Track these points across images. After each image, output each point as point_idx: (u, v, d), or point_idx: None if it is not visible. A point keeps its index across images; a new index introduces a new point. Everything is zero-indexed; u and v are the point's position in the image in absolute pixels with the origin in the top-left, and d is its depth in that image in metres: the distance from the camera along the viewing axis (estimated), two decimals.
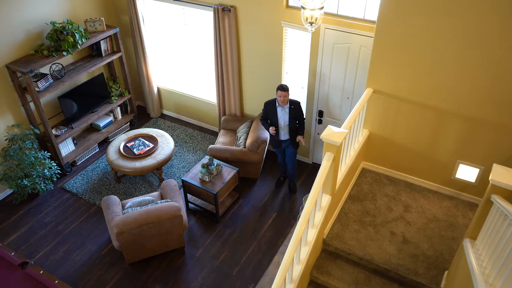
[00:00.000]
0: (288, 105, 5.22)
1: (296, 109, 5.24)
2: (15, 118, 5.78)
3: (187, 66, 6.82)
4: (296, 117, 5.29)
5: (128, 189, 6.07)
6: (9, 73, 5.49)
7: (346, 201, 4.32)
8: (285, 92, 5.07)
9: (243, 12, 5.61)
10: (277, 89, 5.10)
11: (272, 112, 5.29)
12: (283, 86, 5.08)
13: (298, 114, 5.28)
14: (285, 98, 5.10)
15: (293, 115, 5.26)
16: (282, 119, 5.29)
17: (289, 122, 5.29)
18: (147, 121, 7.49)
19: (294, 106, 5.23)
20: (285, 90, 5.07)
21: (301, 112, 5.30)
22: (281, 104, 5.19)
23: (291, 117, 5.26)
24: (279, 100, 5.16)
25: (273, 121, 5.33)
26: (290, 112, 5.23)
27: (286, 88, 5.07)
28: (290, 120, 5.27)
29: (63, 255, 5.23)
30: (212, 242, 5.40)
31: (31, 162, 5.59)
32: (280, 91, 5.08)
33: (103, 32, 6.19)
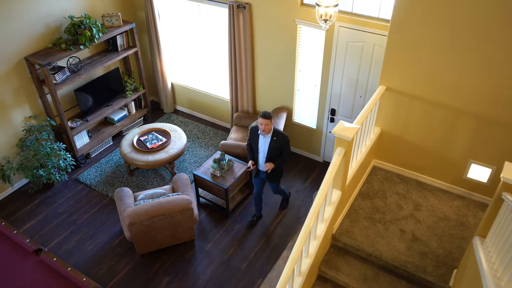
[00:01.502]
0: (271, 136, 4.66)
1: (279, 143, 4.65)
2: (32, 110, 5.90)
3: (201, 63, 6.89)
4: (277, 151, 4.71)
5: (141, 182, 6.16)
6: (28, 65, 5.61)
7: (356, 198, 4.33)
8: (267, 120, 4.46)
9: (257, 9, 5.65)
10: (259, 115, 4.51)
11: (254, 139, 4.79)
12: (265, 114, 4.47)
13: (280, 148, 4.70)
14: (266, 127, 4.51)
15: (274, 148, 4.67)
16: (262, 149, 4.77)
17: (267, 154, 4.72)
18: (160, 116, 7.58)
19: (278, 138, 4.64)
20: (267, 118, 4.46)
21: (285, 147, 4.70)
22: (262, 133, 4.63)
23: (270, 149, 4.68)
24: (260, 128, 4.58)
25: (254, 148, 4.87)
26: (270, 144, 4.66)
27: (268, 116, 4.47)
28: (269, 152, 4.70)
29: (76, 245, 5.33)
30: (221, 236, 5.45)
31: (47, 153, 5.71)
32: (262, 118, 4.48)
33: (120, 27, 6.29)
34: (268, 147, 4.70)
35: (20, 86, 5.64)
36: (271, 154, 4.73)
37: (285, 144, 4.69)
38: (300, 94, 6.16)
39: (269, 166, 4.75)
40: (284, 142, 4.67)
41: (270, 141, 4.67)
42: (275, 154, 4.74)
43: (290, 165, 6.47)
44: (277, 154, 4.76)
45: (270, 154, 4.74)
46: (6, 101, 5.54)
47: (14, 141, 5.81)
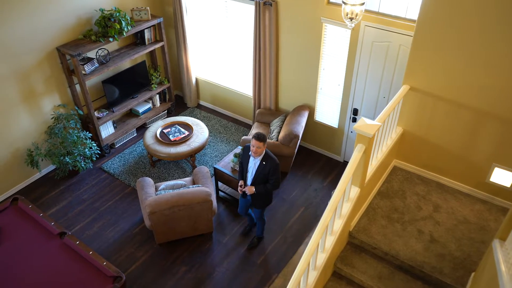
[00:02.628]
0: (261, 159, 4.39)
1: (268, 168, 4.37)
2: (61, 99, 6.10)
3: (226, 59, 6.97)
4: (265, 176, 4.44)
5: (162, 174, 6.28)
6: (59, 56, 5.80)
7: (375, 196, 4.32)
8: (260, 143, 4.21)
9: (284, 6, 5.69)
10: (252, 136, 4.26)
11: (245, 159, 4.55)
12: (259, 135, 4.22)
13: (268, 174, 4.41)
14: (258, 150, 4.26)
15: (262, 172, 4.41)
16: (250, 171, 4.53)
17: (255, 176, 4.46)
18: (183, 110, 7.70)
19: (267, 163, 4.36)
20: (260, 141, 4.21)
21: (274, 174, 4.40)
22: (253, 154, 4.36)
23: (258, 173, 4.43)
24: (251, 149, 4.33)
25: (244, 168, 4.63)
26: (259, 167, 4.40)
27: (261, 138, 4.21)
28: (257, 174, 4.44)
29: (98, 231, 5.48)
30: (239, 230, 5.51)
31: (73, 140, 5.89)
32: (255, 140, 4.22)
33: (148, 21, 6.44)
34: (256, 170, 4.44)
35: (51, 75, 5.83)
36: (258, 177, 4.46)
37: (274, 170, 4.38)
38: (323, 93, 6.16)
39: (249, 191, 4.50)
40: (273, 167, 4.37)
41: (259, 165, 4.40)
42: (261, 179, 4.47)
43: (310, 164, 6.49)
44: (264, 180, 4.47)
45: (257, 178, 4.46)
46: (38, 89, 5.75)
47: (43, 128, 6.01)
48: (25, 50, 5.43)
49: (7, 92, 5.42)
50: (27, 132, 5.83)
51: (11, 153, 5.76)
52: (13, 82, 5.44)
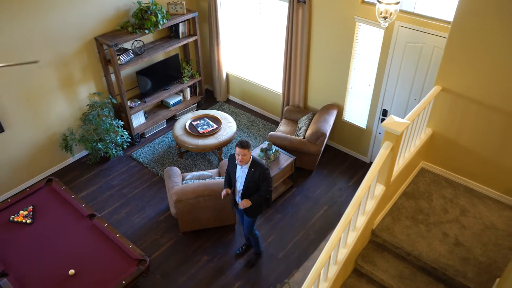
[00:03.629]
0: (249, 167, 4.24)
1: (257, 174, 4.21)
2: (97, 87, 6.32)
3: (257, 55, 7.04)
4: (256, 183, 4.28)
5: (189, 165, 6.41)
6: (97, 45, 6.01)
7: (400, 197, 4.28)
8: (244, 150, 4.07)
9: (317, 5, 5.70)
10: (236, 144, 4.12)
11: (232, 168, 4.39)
12: (242, 143, 4.06)
13: (258, 181, 4.25)
14: (243, 158, 4.11)
15: (251, 180, 4.25)
16: (239, 179, 4.36)
17: (244, 184, 4.30)
18: (213, 104, 7.82)
19: (256, 170, 4.20)
20: (244, 148, 4.06)
21: (265, 181, 4.25)
22: (239, 163, 4.20)
23: (247, 181, 4.27)
24: (236, 158, 4.18)
25: (232, 178, 4.45)
26: (248, 175, 4.24)
27: (245, 146, 4.07)
28: (246, 183, 4.28)
29: (125, 216, 5.65)
30: (261, 224, 5.56)
31: (106, 128, 6.09)
32: (238, 148, 4.08)
33: (183, 15, 6.58)
34: (245, 178, 4.28)
35: (88, 63, 6.05)
36: (248, 186, 4.30)
37: (264, 177, 4.23)
38: (353, 93, 6.14)
39: (245, 204, 4.30)
40: (263, 174, 4.21)
41: (247, 172, 4.24)
42: (252, 187, 4.31)
43: (336, 163, 6.47)
44: (255, 188, 4.32)
45: (247, 187, 4.30)
46: (75, 76, 5.97)
47: (78, 115, 6.24)
48: (66, 39, 5.66)
49: (47, 78, 5.66)
50: (63, 117, 6.07)
51: (48, 137, 6.01)
52: (53, 68, 5.67)
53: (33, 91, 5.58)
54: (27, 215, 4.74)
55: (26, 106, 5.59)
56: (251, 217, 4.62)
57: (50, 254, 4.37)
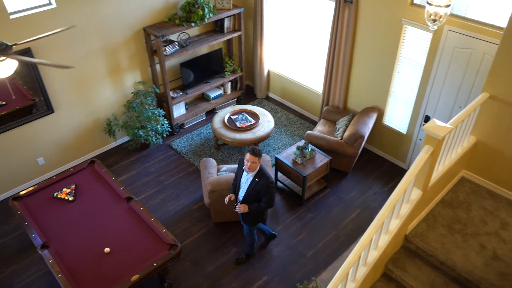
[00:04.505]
0: (254, 176, 4.22)
1: (260, 186, 4.18)
2: (142, 76, 6.52)
3: (300, 53, 7.03)
4: (257, 194, 4.25)
5: (225, 157, 6.50)
6: (145, 36, 6.21)
7: (438, 204, 4.17)
8: (255, 158, 4.04)
9: (365, 5, 5.63)
10: (247, 150, 4.10)
11: (239, 173, 4.39)
12: (254, 150, 4.04)
13: (260, 192, 4.23)
14: (252, 165, 4.09)
15: (254, 189, 4.22)
16: (243, 186, 4.35)
17: (245, 194, 4.30)
18: (252, 100, 7.89)
19: (260, 180, 4.17)
20: (255, 155, 4.04)
21: (267, 193, 4.22)
22: (246, 169, 4.18)
23: (249, 190, 4.25)
24: (245, 164, 4.15)
25: (238, 182, 4.46)
26: (251, 184, 4.22)
27: (257, 153, 4.04)
28: (247, 192, 4.27)
29: (160, 202, 5.81)
30: (292, 222, 5.56)
31: (148, 116, 6.28)
32: (250, 154, 4.05)
33: (229, 11, 6.67)
34: (247, 186, 4.27)
35: (135, 53, 6.26)
36: (249, 194, 4.28)
37: (267, 190, 4.19)
38: (395, 96, 6.02)
39: (242, 209, 4.32)
40: (266, 187, 4.17)
41: (251, 181, 4.23)
42: (253, 196, 4.28)
43: (372, 167, 6.37)
44: (256, 198, 4.29)
45: (248, 195, 4.29)
46: (123, 64, 6.20)
47: (123, 102, 6.48)
48: (117, 28, 5.88)
49: (97, 64, 5.91)
50: (108, 103, 6.31)
51: (93, 121, 6.27)
52: (103, 56, 5.91)
53: (83, 76, 5.84)
54: (69, 192, 4.97)
55: (75, 90, 5.86)
56: (248, 225, 4.63)
57: (88, 231, 4.57)
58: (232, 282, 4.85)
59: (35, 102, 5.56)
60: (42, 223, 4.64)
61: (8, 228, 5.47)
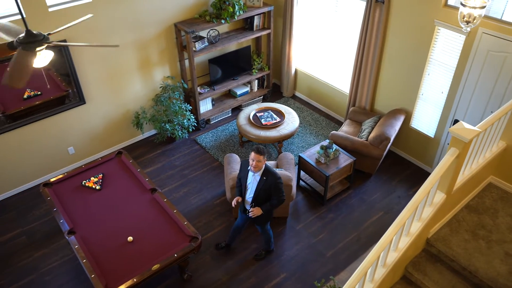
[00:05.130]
0: (261, 175, 4.23)
1: (269, 183, 4.21)
2: (171, 71, 6.65)
3: (328, 53, 7.00)
4: (266, 192, 4.27)
5: (248, 154, 6.54)
6: (175, 31, 6.33)
7: (462, 209, 4.08)
8: (260, 156, 4.06)
9: (396, 5, 5.56)
10: (252, 149, 4.14)
11: (244, 174, 4.38)
12: (258, 149, 4.08)
13: (269, 190, 4.25)
14: (258, 164, 4.10)
15: (262, 188, 4.23)
16: (250, 187, 4.34)
17: (255, 192, 4.28)
18: (278, 98, 7.90)
19: (268, 178, 4.20)
20: (260, 154, 4.06)
21: (277, 191, 4.26)
22: (252, 169, 4.20)
23: (258, 189, 4.25)
24: (250, 164, 4.17)
25: (243, 184, 4.43)
26: (259, 183, 4.23)
27: (262, 152, 4.07)
28: (257, 191, 4.26)
29: (183, 195, 5.91)
30: (313, 221, 5.55)
31: (175, 110, 6.40)
32: (254, 153, 4.08)
33: (259, 8, 6.71)
34: (256, 186, 4.26)
35: (165, 48, 6.39)
36: (259, 194, 4.29)
37: (276, 187, 4.23)
38: (423, 99, 5.92)
39: (256, 212, 4.31)
40: (275, 184, 4.21)
41: (259, 180, 4.23)
42: (263, 196, 4.29)
43: (397, 170, 6.28)
44: (266, 196, 4.31)
45: (258, 194, 4.29)
46: (153, 59, 6.34)
47: (151, 95, 6.62)
48: (149, 23, 6.02)
49: (128, 58, 6.06)
50: (138, 96, 6.47)
51: (123, 113, 6.44)
52: (134, 50, 6.06)
53: (114, 69, 6.00)
54: (97, 181, 5.13)
55: (106, 83, 6.03)
56: (259, 225, 4.69)
57: (113, 220, 4.70)
58: (250, 278, 4.88)
59: (68, 93, 5.76)
60: (69, 210, 4.81)
61: (39, 214, 5.68)
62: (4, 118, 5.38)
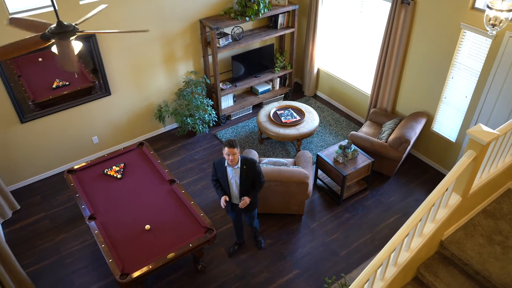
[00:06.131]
0: (239, 165, 4.29)
1: (250, 169, 4.31)
2: (194, 66, 6.77)
3: (351, 53, 6.98)
4: (250, 180, 4.37)
5: (267, 151, 6.60)
6: (200, 27, 6.44)
7: (479, 214, 4.03)
8: (233, 149, 4.12)
9: (422, 7, 5.51)
10: (224, 145, 4.15)
11: (222, 174, 4.41)
12: (230, 142, 4.12)
13: (252, 174, 4.36)
14: (234, 157, 4.15)
15: (246, 177, 4.34)
16: (233, 181, 4.40)
17: (241, 184, 4.37)
18: (300, 97, 7.93)
19: (247, 166, 4.29)
20: (233, 147, 4.11)
21: (257, 174, 4.38)
22: (230, 164, 4.25)
23: (243, 178, 4.34)
24: (227, 159, 4.21)
25: (223, 183, 4.46)
26: (242, 174, 4.32)
27: (234, 144, 4.12)
28: (242, 181, 4.35)
29: (201, 189, 6.02)
30: (328, 220, 5.57)
31: (197, 105, 6.51)
32: (228, 147, 4.11)
33: (284, 7, 6.76)
34: (239, 178, 4.33)
35: (190, 43, 6.51)
36: (245, 184, 4.37)
37: (257, 171, 4.34)
38: (446, 103, 5.85)
39: (247, 202, 4.38)
40: (254, 168, 4.32)
41: (241, 171, 4.30)
42: (247, 184, 4.39)
43: (416, 173, 6.22)
44: (250, 184, 4.40)
45: (244, 185, 4.38)
46: (177, 54, 6.47)
47: (174, 90, 6.75)
48: (175, 19, 6.15)
49: (153, 52, 6.21)
50: (161, 90, 6.61)
51: (146, 106, 6.60)
52: (159, 44, 6.21)
53: (139, 62, 6.16)
54: (118, 170, 5.28)
55: (131, 75, 6.20)
56: (251, 211, 4.72)
57: (132, 208, 4.84)
58: (263, 272, 4.94)
59: (95, 84, 5.95)
60: (91, 196, 4.98)
61: (62, 199, 5.89)
62: (33, 106, 5.61)
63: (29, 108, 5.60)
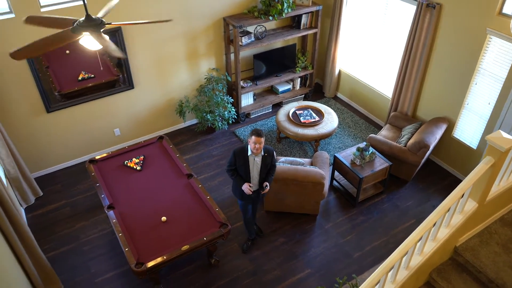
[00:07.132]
0: (262, 153, 4.43)
1: (269, 158, 4.49)
2: (216, 63, 6.85)
3: (373, 56, 6.95)
4: (268, 165, 4.55)
5: (285, 150, 6.64)
6: (224, 25, 6.52)
7: (496, 222, 3.97)
8: (260, 138, 4.23)
9: (448, 11, 5.45)
10: (252, 134, 4.25)
11: (243, 162, 4.45)
12: (258, 131, 4.22)
13: (270, 162, 4.54)
14: (260, 145, 4.26)
15: (265, 165, 4.50)
16: (254, 170, 4.49)
17: (261, 172, 4.51)
18: (320, 98, 7.92)
19: (268, 154, 4.46)
20: (261, 136, 4.23)
21: (273, 160, 4.56)
22: (255, 152, 4.34)
23: (263, 167, 4.49)
24: (253, 148, 4.30)
25: (244, 171, 4.50)
26: (263, 161, 4.46)
27: (261, 134, 4.25)
28: (263, 169, 4.51)
29: (217, 184, 6.09)
30: (343, 221, 5.57)
31: (217, 102, 6.59)
32: (256, 137, 4.21)
33: (308, 7, 6.77)
34: (261, 166, 4.47)
35: (213, 40, 6.60)
36: (264, 172, 4.54)
37: (273, 156, 4.54)
38: (468, 109, 5.76)
39: (267, 188, 4.53)
40: (272, 154, 4.51)
41: (262, 160, 4.45)
42: (265, 172, 4.55)
43: (434, 179, 6.15)
44: (266, 171, 4.56)
45: (263, 173, 4.54)
46: (200, 50, 6.56)
47: (196, 86, 6.85)
48: (199, 16, 6.24)
49: (177, 48, 6.32)
50: (183, 85, 6.72)
51: (167, 100, 6.72)
52: (183, 41, 6.31)
53: (163, 58, 6.28)
54: (138, 162, 5.40)
55: (155, 70, 6.32)
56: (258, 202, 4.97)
57: (150, 199, 4.95)
58: (275, 269, 4.98)
59: (119, 78, 6.09)
60: (110, 186, 5.10)
61: (82, 188, 6.06)
62: (59, 96, 5.78)
63: (55, 99, 5.77)
